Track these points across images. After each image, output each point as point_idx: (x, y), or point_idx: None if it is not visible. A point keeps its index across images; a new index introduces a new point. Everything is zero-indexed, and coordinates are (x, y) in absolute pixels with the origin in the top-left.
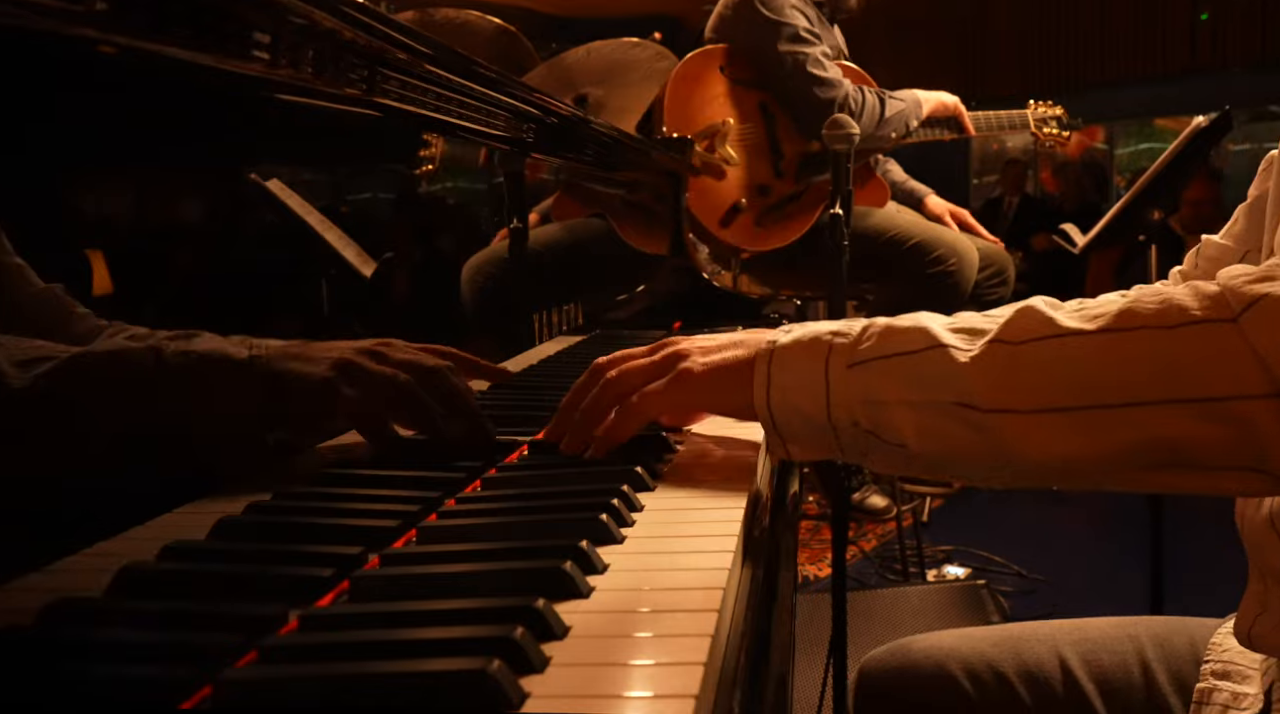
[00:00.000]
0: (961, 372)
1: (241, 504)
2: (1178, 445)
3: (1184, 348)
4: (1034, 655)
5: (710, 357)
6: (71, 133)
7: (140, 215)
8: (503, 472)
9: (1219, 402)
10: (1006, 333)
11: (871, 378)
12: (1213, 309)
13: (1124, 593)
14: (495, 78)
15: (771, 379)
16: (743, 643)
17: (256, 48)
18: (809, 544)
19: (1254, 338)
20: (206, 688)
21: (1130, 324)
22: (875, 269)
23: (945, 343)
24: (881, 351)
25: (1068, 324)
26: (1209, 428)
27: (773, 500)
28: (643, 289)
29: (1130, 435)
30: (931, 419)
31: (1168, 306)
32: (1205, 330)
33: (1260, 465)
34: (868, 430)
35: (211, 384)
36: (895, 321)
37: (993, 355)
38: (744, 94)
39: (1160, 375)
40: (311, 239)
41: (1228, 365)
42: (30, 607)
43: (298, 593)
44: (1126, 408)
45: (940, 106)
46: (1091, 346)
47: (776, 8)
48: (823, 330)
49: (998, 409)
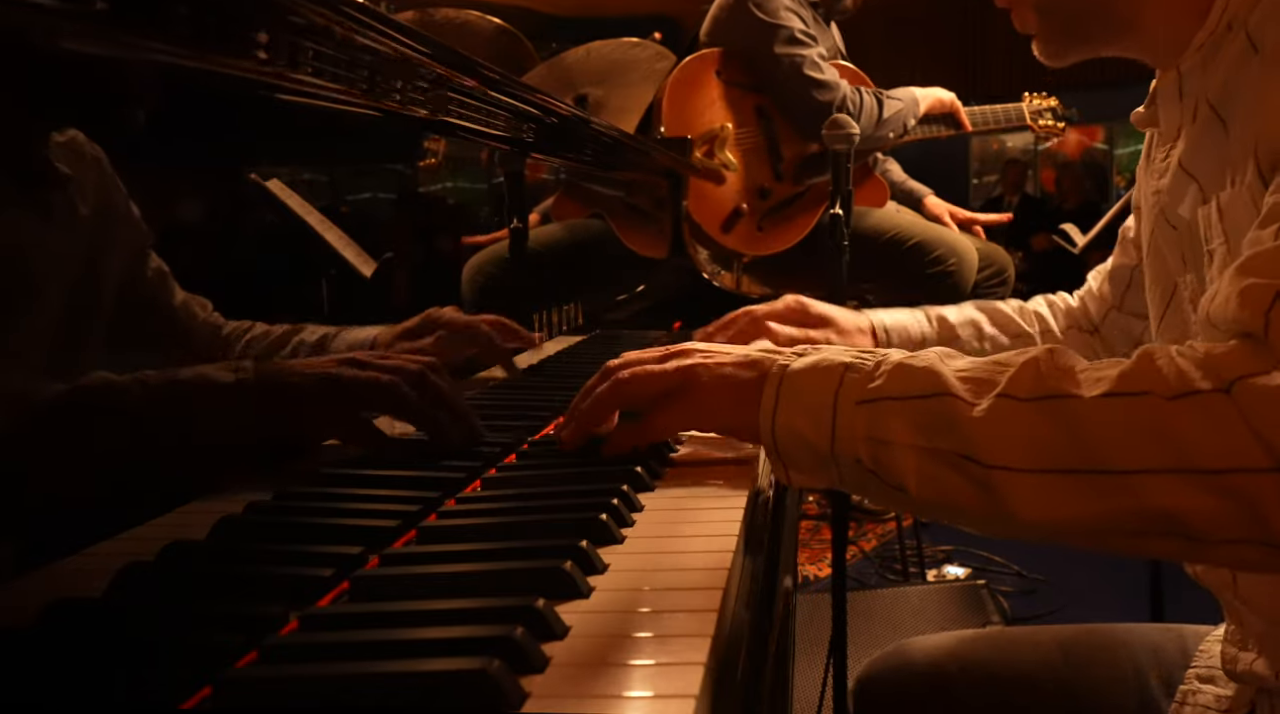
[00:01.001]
0: (967, 424)
1: (241, 504)
2: (1177, 515)
3: (1185, 418)
4: (1030, 660)
5: (721, 375)
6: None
7: (140, 215)
8: (503, 472)
9: (1220, 474)
10: (1013, 388)
11: (878, 417)
12: (1208, 379)
13: (1123, 593)
14: (495, 78)
15: (779, 404)
16: (743, 643)
17: (257, 48)
18: (809, 544)
19: (1248, 413)
20: (206, 688)
21: (1132, 388)
22: (875, 269)
23: (954, 393)
24: (891, 392)
25: (1070, 387)
26: (1209, 500)
27: (772, 500)
28: (643, 289)
29: (1129, 502)
30: (933, 467)
31: (1169, 371)
32: (1205, 401)
33: (1262, 539)
34: (869, 469)
35: (198, 409)
36: (909, 360)
37: (998, 411)
38: (741, 97)
39: (1161, 444)
40: (311, 239)
41: (1227, 438)
42: (30, 607)
43: (298, 593)
44: (1127, 475)
45: (937, 103)
46: (1093, 410)
47: (771, 10)
48: (836, 361)
49: (998, 465)
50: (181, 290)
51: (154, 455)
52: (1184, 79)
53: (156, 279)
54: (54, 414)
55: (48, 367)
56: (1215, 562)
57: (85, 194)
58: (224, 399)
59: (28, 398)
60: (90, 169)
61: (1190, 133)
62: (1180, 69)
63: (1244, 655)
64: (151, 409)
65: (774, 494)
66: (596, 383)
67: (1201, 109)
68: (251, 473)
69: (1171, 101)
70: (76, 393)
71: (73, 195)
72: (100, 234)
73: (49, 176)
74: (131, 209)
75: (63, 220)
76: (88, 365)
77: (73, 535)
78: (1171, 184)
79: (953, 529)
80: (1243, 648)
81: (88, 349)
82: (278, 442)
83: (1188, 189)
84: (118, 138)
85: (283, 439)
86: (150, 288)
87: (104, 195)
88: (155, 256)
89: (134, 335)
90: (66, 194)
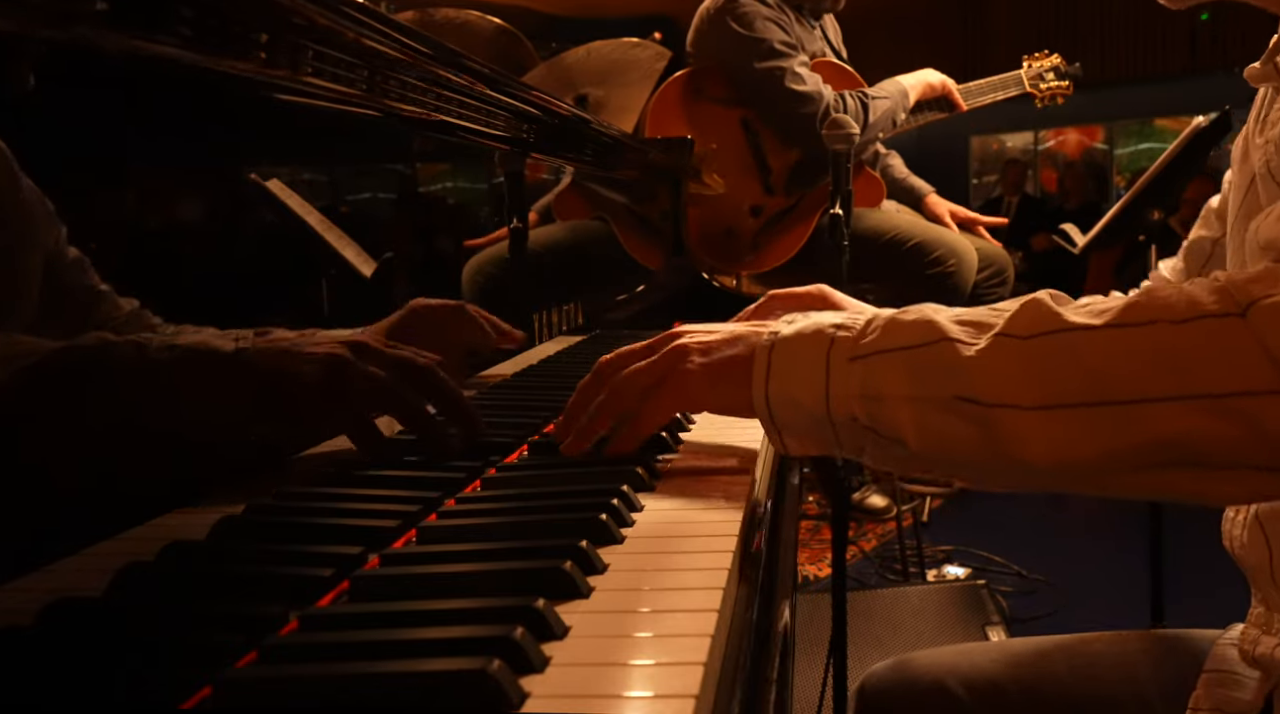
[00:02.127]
0: (966, 365)
1: (241, 504)
2: (1185, 442)
3: (1192, 342)
4: (1034, 671)
5: (709, 356)
6: (71, 133)
7: (140, 215)
8: (503, 472)
9: (1227, 397)
10: (1013, 326)
11: (872, 372)
12: (1219, 303)
13: (1124, 593)
14: (495, 78)
15: (771, 371)
16: (743, 643)
17: (256, 48)
18: (809, 544)
19: (1262, 333)
20: (206, 688)
21: (1138, 318)
22: (875, 269)
23: (950, 337)
24: (884, 345)
25: (1074, 318)
26: (1217, 424)
27: (773, 500)
28: (643, 289)
29: (1138, 433)
30: (932, 415)
31: (1176, 300)
32: (1213, 325)
33: (1269, 464)
34: (866, 426)
35: (195, 377)
36: (900, 314)
37: (998, 349)
38: (724, 114)
39: (1168, 370)
40: (311, 239)
41: (1236, 360)
42: (30, 607)
43: (298, 593)
44: (1133, 405)
45: (927, 88)
46: (1098, 341)
47: (748, 23)
48: (826, 322)
49: (1001, 404)
50: (102, 282)
51: (144, 420)
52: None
53: (76, 267)
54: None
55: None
56: (1223, 494)
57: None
58: (221, 368)
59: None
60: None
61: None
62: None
63: (1266, 639)
64: (147, 373)
65: (775, 494)
66: (591, 385)
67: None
68: (247, 458)
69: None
70: (69, 351)
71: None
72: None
73: None
74: (44, 201)
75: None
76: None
77: (66, 527)
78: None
79: (953, 529)
80: (1266, 630)
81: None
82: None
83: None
84: (117, 137)
85: (278, 416)
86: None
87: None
88: (73, 248)
89: (59, 323)
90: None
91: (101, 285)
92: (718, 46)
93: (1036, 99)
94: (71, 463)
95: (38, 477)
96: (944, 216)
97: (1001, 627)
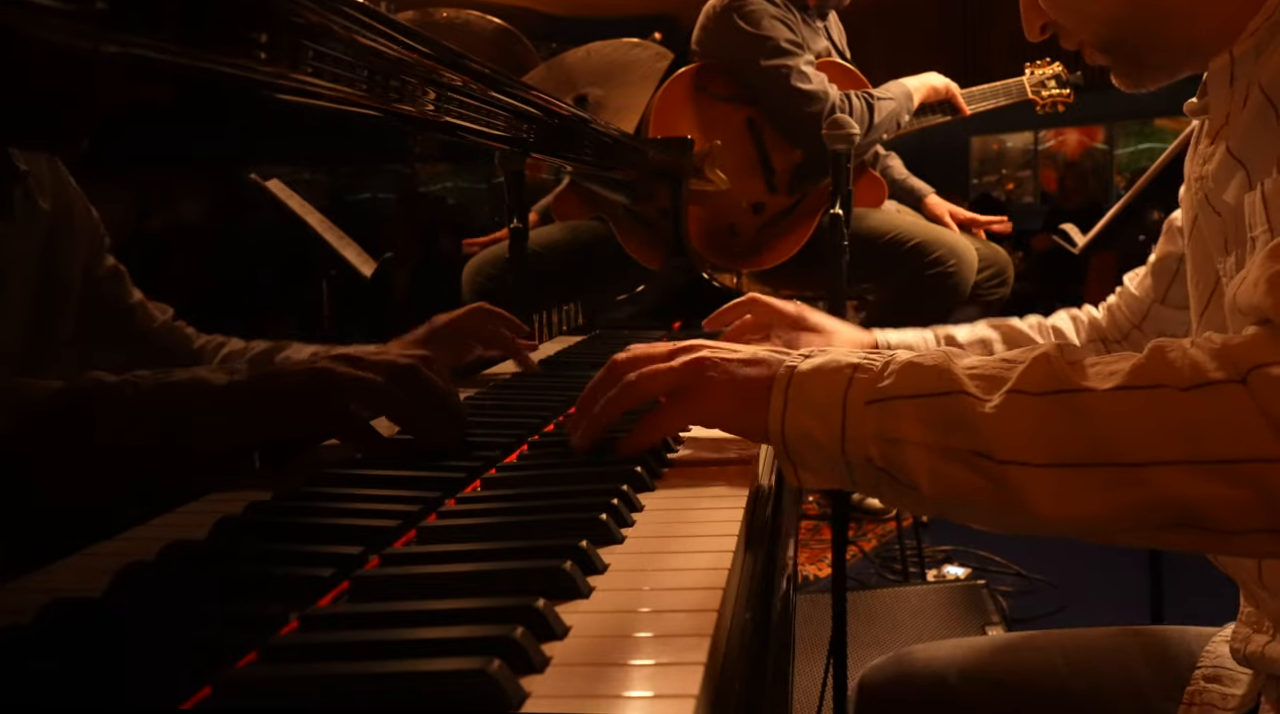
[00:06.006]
0: (979, 420)
1: (241, 504)
2: (1192, 507)
3: (1199, 409)
4: (1032, 665)
5: (730, 374)
6: (71, 133)
7: (140, 215)
8: (503, 472)
9: (1235, 464)
10: (1024, 383)
11: (889, 416)
12: (1221, 370)
13: (1124, 593)
14: (495, 78)
15: (788, 404)
16: (743, 643)
17: (256, 47)
18: (809, 544)
19: (1264, 402)
20: (206, 688)
21: (1145, 382)
22: (875, 269)
23: (965, 390)
24: (901, 391)
25: (1084, 381)
26: (1225, 490)
27: (772, 500)
28: (643, 289)
29: (1144, 495)
30: (946, 464)
31: (1182, 364)
32: (1219, 391)
33: (1277, 526)
34: (881, 468)
35: (188, 414)
36: (918, 359)
37: (1011, 406)
38: (729, 112)
39: (1177, 436)
40: (311, 239)
41: (1241, 427)
42: (30, 607)
43: (298, 593)
44: (1141, 467)
45: (931, 91)
46: (1106, 404)
47: (755, 20)
48: (844, 361)
49: (1013, 460)
50: (138, 291)
51: (146, 458)
52: (1236, 64)
53: (112, 278)
54: (46, 414)
55: (12, 366)
56: (1233, 552)
57: (44, 189)
58: (216, 398)
59: (18, 397)
60: (44, 165)
61: (1240, 119)
62: (1233, 53)
63: (1257, 638)
64: (145, 411)
65: (774, 494)
66: (604, 381)
67: (1253, 95)
68: (245, 472)
69: (1222, 87)
70: (68, 393)
71: (31, 190)
72: (60, 231)
73: (6, 172)
74: (90, 209)
75: (24, 215)
76: (52, 365)
77: (66, 538)
78: (1217, 170)
79: (953, 529)
80: (1257, 629)
81: (51, 348)
82: (269, 440)
83: (1234, 175)
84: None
85: (273, 437)
86: (108, 287)
87: (61, 192)
88: (111, 257)
89: (96, 335)
90: (25, 189)
91: (136, 295)
92: (724, 43)
93: (1038, 106)
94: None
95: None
96: (944, 217)
97: (1001, 626)
